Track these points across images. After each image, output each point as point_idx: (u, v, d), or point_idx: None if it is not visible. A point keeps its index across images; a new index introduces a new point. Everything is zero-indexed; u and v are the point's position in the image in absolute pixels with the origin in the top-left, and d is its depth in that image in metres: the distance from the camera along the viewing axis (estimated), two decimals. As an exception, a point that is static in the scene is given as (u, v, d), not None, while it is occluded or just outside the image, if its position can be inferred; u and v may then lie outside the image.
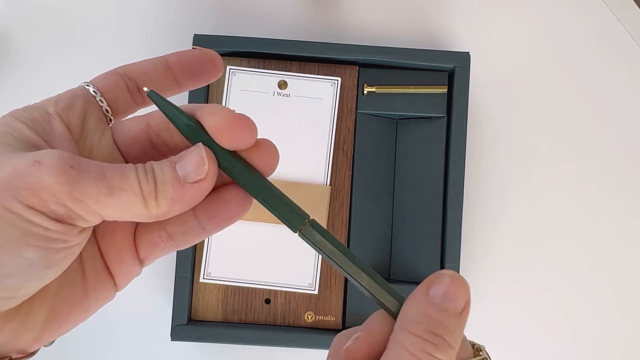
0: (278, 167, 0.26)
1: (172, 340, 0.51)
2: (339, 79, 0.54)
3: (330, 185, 0.54)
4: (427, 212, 0.54)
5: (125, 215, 0.23)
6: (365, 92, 0.54)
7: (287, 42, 0.53)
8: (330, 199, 0.53)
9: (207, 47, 0.53)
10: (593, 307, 0.58)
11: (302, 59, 0.54)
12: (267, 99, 0.54)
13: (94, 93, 0.25)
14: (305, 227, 0.25)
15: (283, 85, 0.54)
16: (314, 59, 0.54)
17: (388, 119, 0.56)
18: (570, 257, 0.58)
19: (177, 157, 0.24)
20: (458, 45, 0.59)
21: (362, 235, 0.54)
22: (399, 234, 0.55)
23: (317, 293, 0.53)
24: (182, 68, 0.27)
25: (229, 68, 0.54)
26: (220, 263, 0.53)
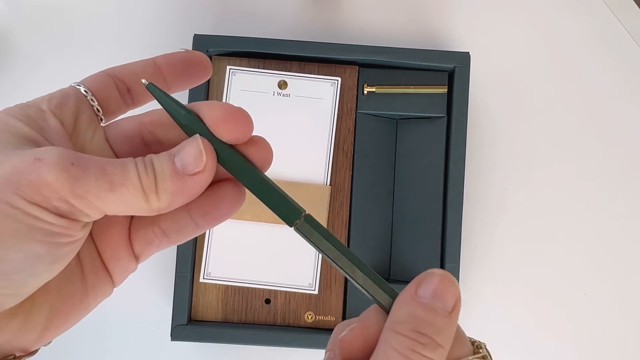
0: (278, 167, 0.26)
1: (172, 340, 0.51)
2: (339, 79, 0.54)
3: (330, 185, 0.53)
4: (427, 212, 0.54)
5: (128, 210, 0.23)
6: (365, 92, 0.54)
7: (287, 42, 0.53)
8: (330, 199, 0.53)
9: (207, 47, 0.53)
10: (593, 307, 0.58)
11: (302, 59, 0.54)
12: (267, 99, 0.54)
13: (85, 92, 0.25)
14: (301, 221, 0.25)
15: (283, 85, 0.54)
16: (314, 59, 0.54)
17: (388, 119, 0.56)
18: (570, 257, 0.58)
19: (175, 149, 0.24)
20: (458, 45, 0.59)
21: (362, 235, 0.54)
22: (399, 234, 0.55)
23: (317, 293, 0.53)
24: (170, 70, 0.27)
25: (229, 68, 0.54)
26: (220, 263, 0.53)
